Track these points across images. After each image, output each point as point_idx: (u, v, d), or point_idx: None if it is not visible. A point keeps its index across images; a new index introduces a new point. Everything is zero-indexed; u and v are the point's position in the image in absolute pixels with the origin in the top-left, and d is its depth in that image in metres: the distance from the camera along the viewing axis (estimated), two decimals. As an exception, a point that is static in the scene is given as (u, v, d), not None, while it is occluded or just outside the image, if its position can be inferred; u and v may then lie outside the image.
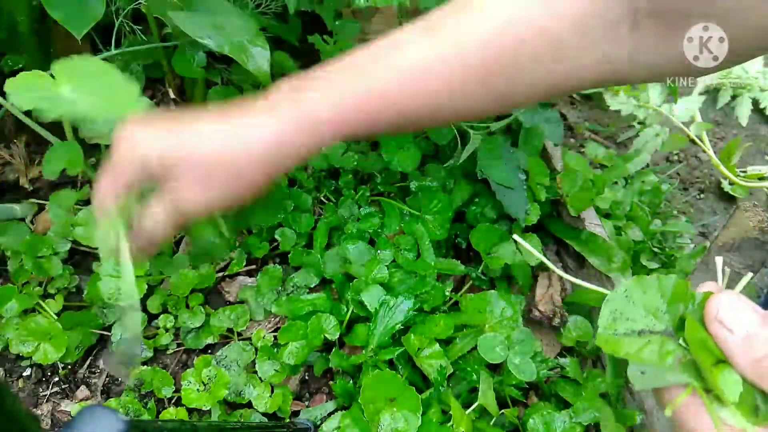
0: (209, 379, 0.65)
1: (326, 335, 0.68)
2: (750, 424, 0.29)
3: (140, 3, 0.67)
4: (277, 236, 0.76)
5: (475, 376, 0.65)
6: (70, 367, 0.70)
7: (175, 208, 0.43)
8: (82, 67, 0.54)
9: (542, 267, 0.87)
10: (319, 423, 0.66)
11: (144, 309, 0.73)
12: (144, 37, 0.74)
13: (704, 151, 1.10)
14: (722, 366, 0.30)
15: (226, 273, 0.76)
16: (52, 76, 0.53)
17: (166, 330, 0.71)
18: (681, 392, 0.31)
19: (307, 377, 0.72)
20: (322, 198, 0.84)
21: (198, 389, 0.65)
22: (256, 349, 0.70)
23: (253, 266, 0.79)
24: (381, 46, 0.45)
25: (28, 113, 0.70)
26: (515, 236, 0.42)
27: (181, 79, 0.86)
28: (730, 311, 0.30)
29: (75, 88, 0.52)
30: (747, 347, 0.29)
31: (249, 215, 0.69)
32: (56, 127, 0.71)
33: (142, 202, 0.43)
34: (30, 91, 0.51)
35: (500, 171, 0.81)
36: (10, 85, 0.50)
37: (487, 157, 0.81)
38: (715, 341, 0.30)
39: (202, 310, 0.72)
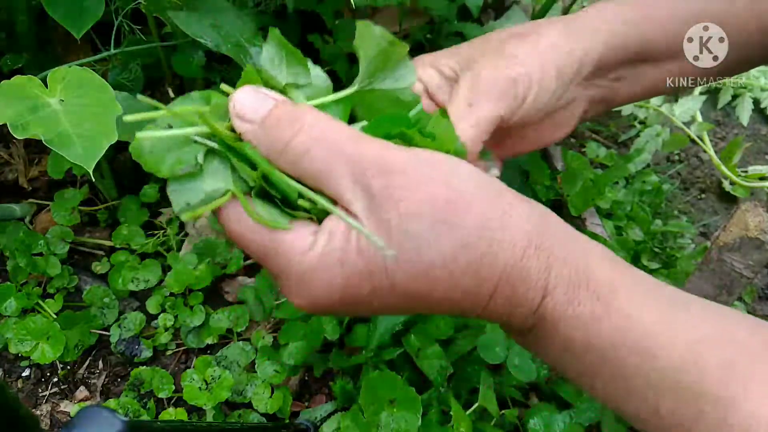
0: (212, 379, 0.65)
1: (326, 336, 0.67)
2: (283, 219, 0.28)
3: (140, 2, 0.67)
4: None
5: (475, 377, 0.65)
6: (69, 367, 0.70)
7: (475, 110, 0.42)
8: (79, 79, 0.54)
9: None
10: (318, 424, 0.66)
11: (143, 309, 0.72)
12: (143, 37, 0.74)
13: (705, 151, 1.10)
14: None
15: (226, 273, 0.76)
16: (45, 81, 0.53)
17: (166, 329, 0.71)
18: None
19: (306, 378, 0.72)
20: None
21: (200, 387, 0.65)
22: (256, 350, 0.70)
23: (253, 263, 0.79)
24: None
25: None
26: None
27: (181, 79, 0.85)
28: (246, 103, 0.29)
29: (64, 101, 0.52)
30: (263, 132, 0.28)
31: None
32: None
33: None
34: (15, 101, 0.51)
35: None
36: None
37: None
38: (244, 139, 0.29)
39: (202, 309, 0.72)
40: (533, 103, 0.42)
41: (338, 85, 0.34)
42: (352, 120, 0.34)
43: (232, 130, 0.29)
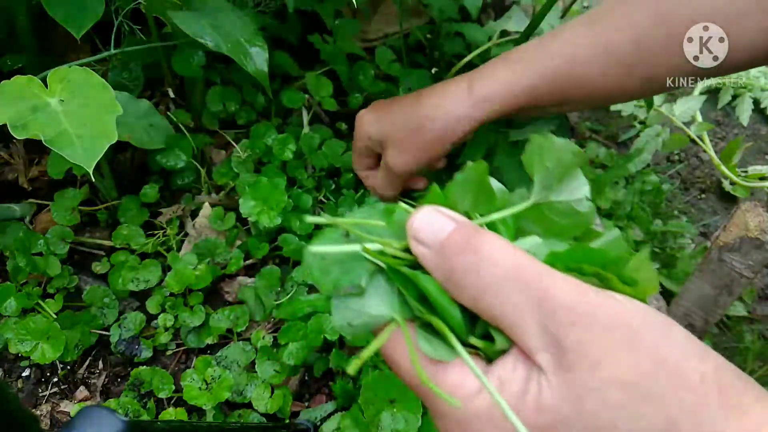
0: (212, 379, 0.65)
1: (326, 336, 0.67)
2: (449, 354, 0.25)
3: (140, 2, 0.67)
4: (279, 243, 0.76)
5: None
6: (69, 367, 0.70)
7: (387, 169, 0.64)
8: (79, 79, 0.54)
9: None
10: (318, 424, 0.66)
11: (143, 309, 0.72)
12: (143, 37, 0.74)
13: (705, 151, 1.10)
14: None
15: (226, 273, 0.76)
16: (45, 81, 0.54)
17: (166, 329, 0.71)
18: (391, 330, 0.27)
19: (306, 378, 0.72)
20: (322, 198, 0.84)
21: (200, 387, 0.65)
22: (256, 350, 0.70)
23: (253, 264, 0.79)
24: (546, 36, 0.57)
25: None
26: None
27: (181, 79, 0.85)
28: (425, 224, 0.27)
29: (64, 101, 0.52)
30: (440, 259, 0.26)
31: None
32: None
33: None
34: (15, 101, 0.51)
35: (516, 171, 0.81)
36: None
37: (505, 154, 0.80)
38: (420, 262, 0.27)
39: (202, 309, 0.72)
40: (431, 163, 0.63)
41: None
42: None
43: (409, 250, 0.27)
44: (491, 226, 0.29)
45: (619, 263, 0.27)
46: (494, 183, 0.31)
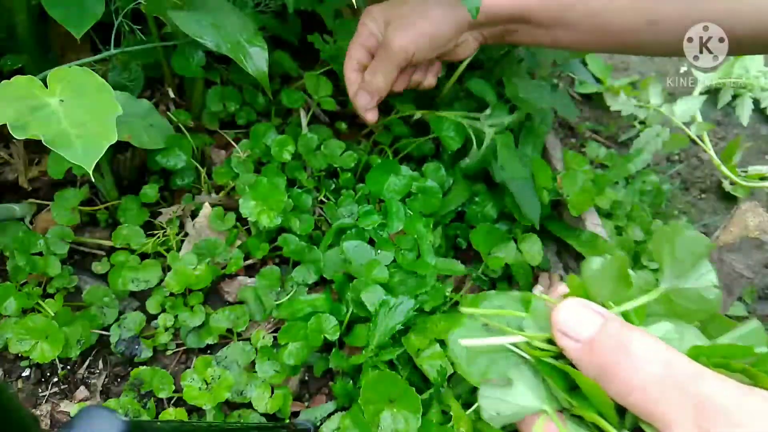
0: (212, 379, 0.65)
1: (326, 336, 0.67)
2: None
3: (140, 2, 0.67)
4: (279, 243, 0.76)
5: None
6: (69, 367, 0.70)
7: (385, 48, 0.67)
8: (79, 79, 0.54)
9: (543, 267, 0.86)
10: (318, 424, 0.66)
11: (143, 309, 0.72)
12: (143, 37, 0.74)
13: (705, 151, 1.10)
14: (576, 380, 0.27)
15: (226, 273, 0.76)
16: (45, 81, 0.54)
17: (166, 329, 0.71)
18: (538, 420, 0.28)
19: (307, 378, 0.72)
20: (322, 198, 0.84)
21: (200, 387, 0.65)
22: (256, 350, 0.70)
23: (253, 264, 0.79)
24: None
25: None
26: None
27: (181, 79, 0.86)
28: (571, 318, 0.28)
29: (64, 101, 0.52)
30: (591, 356, 0.27)
31: None
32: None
33: None
34: (14, 101, 0.51)
35: (519, 168, 0.80)
36: None
37: (505, 153, 0.80)
38: (566, 354, 0.28)
39: (202, 309, 0.71)
40: (428, 51, 0.67)
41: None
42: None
43: (551, 341, 0.29)
44: (624, 313, 0.30)
45: (765, 359, 0.27)
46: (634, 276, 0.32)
